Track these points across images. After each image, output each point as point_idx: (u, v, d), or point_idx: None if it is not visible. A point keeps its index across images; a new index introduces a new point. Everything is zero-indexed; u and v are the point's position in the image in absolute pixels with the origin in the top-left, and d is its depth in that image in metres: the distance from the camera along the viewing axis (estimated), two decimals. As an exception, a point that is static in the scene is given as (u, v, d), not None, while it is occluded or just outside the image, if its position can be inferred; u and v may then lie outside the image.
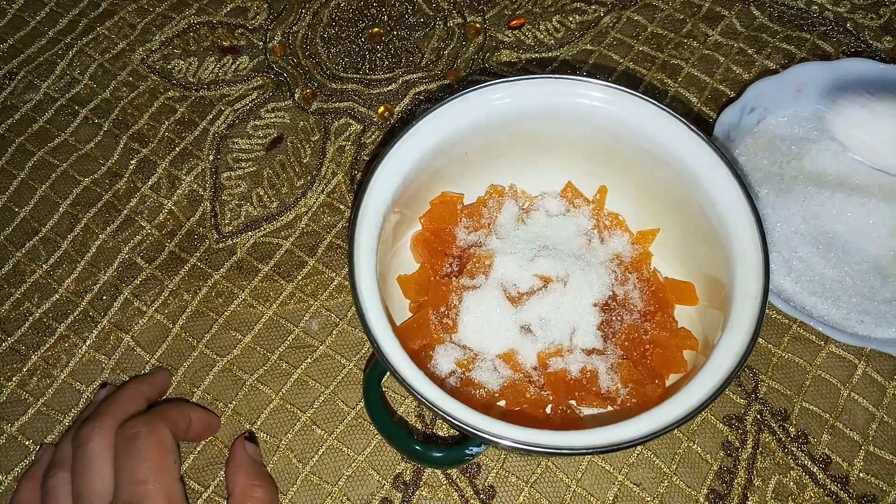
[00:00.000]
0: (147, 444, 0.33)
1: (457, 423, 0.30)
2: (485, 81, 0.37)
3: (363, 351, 0.42)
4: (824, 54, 0.50)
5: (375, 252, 0.34)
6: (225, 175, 0.47)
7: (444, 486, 0.39)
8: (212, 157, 0.48)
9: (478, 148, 0.39)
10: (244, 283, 0.44)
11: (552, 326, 0.37)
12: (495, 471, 0.39)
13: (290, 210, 0.46)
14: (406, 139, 0.36)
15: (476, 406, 0.32)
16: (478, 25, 0.53)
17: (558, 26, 0.53)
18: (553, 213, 0.42)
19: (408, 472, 0.39)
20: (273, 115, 0.50)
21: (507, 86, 0.37)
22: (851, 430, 0.40)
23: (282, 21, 0.53)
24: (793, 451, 0.39)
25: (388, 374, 0.35)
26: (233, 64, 0.51)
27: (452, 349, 0.37)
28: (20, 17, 0.53)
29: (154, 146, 0.48)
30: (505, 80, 0.37)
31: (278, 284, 0.44)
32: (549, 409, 0.37)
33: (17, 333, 0.43)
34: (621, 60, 0.51)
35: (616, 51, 0.51)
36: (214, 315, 0.43)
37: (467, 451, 0.34)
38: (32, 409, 0.41)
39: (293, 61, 0.52)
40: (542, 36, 0.52)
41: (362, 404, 0.40)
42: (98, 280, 0.44)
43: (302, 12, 0.54)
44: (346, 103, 0.50)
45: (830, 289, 0.42)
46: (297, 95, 0.50)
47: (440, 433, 0.40)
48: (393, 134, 0.45)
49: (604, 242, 0.41)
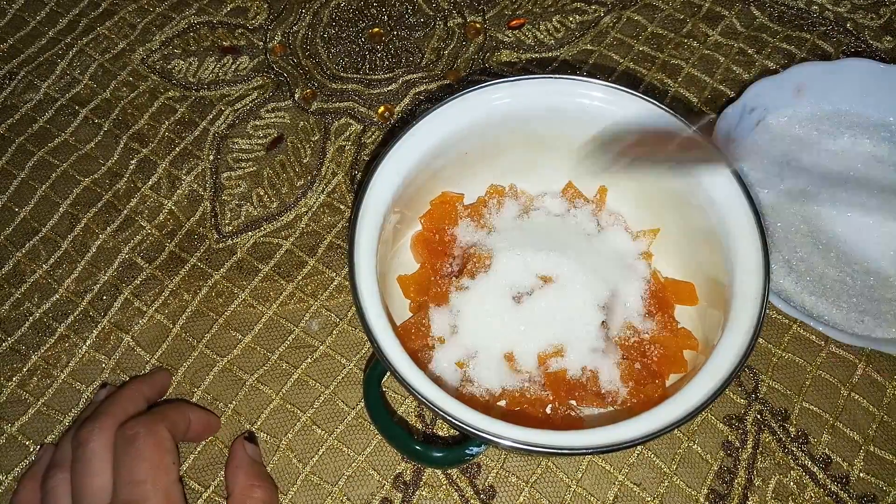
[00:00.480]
0: (146, 444, 0.33)
1: (457, 423, 0.30)
2: (485, 81, 0.37)
3: (363, 351, 0.42)
4: (824, 54, 0.50)
5: (375, 252, 0.34)
6: (225, 175, 0.47)
7: (444, 486, 0.39)
8: (212, 157, 0.48)
9: (478, 148, 0.39)
10: (244, 283, 0.44)
11: (552, 326, 0.37)
12: (495, 471, 0.39)
13: (291, 210, 0.46)
14: (406, 139, 0.36)
15: (476, 406, 0.32)
16: (478, 25, 0.53)
17: (558, 26, 0.53)
18: (553, 212, 0.42)
19: (408, 472, 0.39)
20: (273, 115, 0.50)
21: (507, 86, 0.37)
22: (851, 430, 0.40)
23: (282, 21, 0.53)
24: (793, 451, 0.39)
25: (388, 374, 0.35)
26: (233, 64, 0.51)
27: (452, 349, 0.37)
28: (20, 17, 0.53)
29: (154, 146, 0.48)
30: (505, 80, 0.37)
31: (278, 284, 0.44)
32: (549, 409, 0.37)
33: (17, 333, 0.43)
34: (621, 60, 0.51)
35: (616, 51, 0.51)
36: (214, 315, 0.43)
37: (467, 451, 0.34)
38: (32, 409, 0.41)
39: (293, 61, 0.52)
40: (542, 36, 0.52)
41: (362, 404, 0.40)
42: (98, 280, 0.44)
43: (302, 12, 0.54)
44: (346, 103, 0.50)
45: (831, 289, 0.42)
46: (297, 95, 0.50)
47: (440, 433, 0.40)
48: (393, 134, 0.45)
49: (604, 242, 0.41)
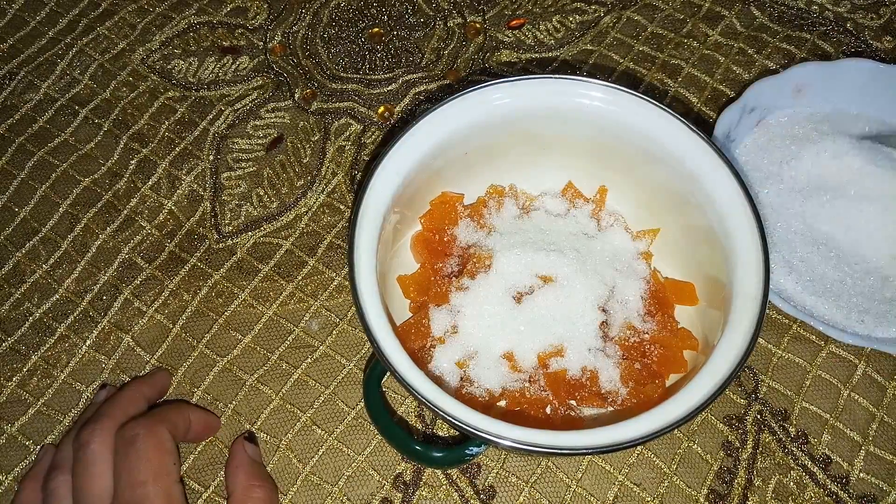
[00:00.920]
0: (146, 446, 0.33)
1: (457, 423, 0.30)
2: (485, 81, 0.37)
3: (363, 351, 0.42)
4: (824, 54, 0.50)
5: (375, 252, 0.34)
6: (225, 175, 0.47)
7: (444, 486, 0.39)
8: (212, 157, 0.48)
9: (478, 148, 0.39)
10: (244, 283, 0.44)
11: (552, 326, 0.37)
12: (495, 471, 0.39)
13: (290, 210, 0.46)
14: (406, 139, 0.36)
15: (476, 406, 0.32)
16: (478, 25, 0.53)
17: (558, 26, 0.53)
18: (553, 212, 0.42)
19: (408, 472, 0.39)
20: (273, 115, 0.50)
21: (507, 86, 0.37)
22: (851, 430, 0.40)
23: (282, 21, 0.53)
24: (793, 451, 0.39)
25: (388, 374, 0.35)
26: (233, 64, 0.51)
27: (452, 349, 0.37)
28: (20, 17, 0.53)
29: (154, 146, 0.48)
30: (505, 80, 0.37)
31: (278, 284, 0.44)
32: (549, 409, 0.37)
33: (17, 333, 0.43)
34: (621, 60, 0.51)
35: (616, 51, 0.51)
36: (214, 315, 0.43)
37: (467, 451, 0.34)
38: (32, 409, 0.41)
39: (293, 61, 0.52)
40: (542, 36, 0.52)
41: (362, 404, 0.40)
42: (98, 280, 0.44)
43: (302, 12, 0.54)
44: (346, 103, 0.50)
45: (831, 289, 0.42)
46: (297, 95, 0.50)
47: (440, 433, 0.40)
48: (393, 134, 0.45)
49: (604, 242, 0.41)
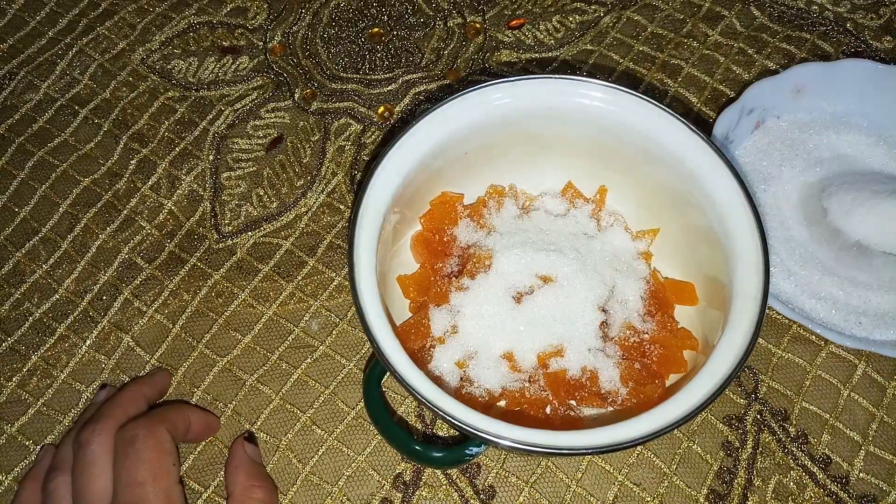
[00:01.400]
0: (145, 446, 0.33)
1: (457, 423, 0.30)
2: (485, 81, 0.37)
3: (363, 351, 0.42)
4: (824, 54, 0.50)
5: (375, 252, 0.34)
6: (225, 175, 0.47)
7: (444, 486, 0.39)
8: (212, 157, 0.48)
9: (478, 148, 0.39)
10: (244, 283, 0.44)
11: (552, 326, 0.37)
12: (495, 471, 0.39)
13: (290, 210, 0.46)
14: (406, 139, 0.36)
15: (476, 406, 0.32)
16: (478, 25, 0.53)
17: (558, 26, 0.53)
18: (553, 212, 0.42)
19: (408, 472, 0.39)
20: (273, 115, 0.50)
21: (507, 86, 0.37)
22: (851, 430, 0.40)
23: (282, 21, 0.53)
24: (793, 451, 0.39)
25: (388, 374, 0.35)
26: (233, 64, 0.51)
27: (452, 349, 0.37)
28: (20, 17, 0.53)
29: (154, 146, 0.48)
30: (505, 80, 0.37)
31: (278, 284, 0.44)
32: (548, 409, 0.37)
33: (17, 333, 0.43)
34: (621, 60, 0.51)
35: (616, 51, 0.51)
36: (214, 315, 0.43)
37: (467, 451, 0.34)
38: (32, 409, 0.41)
39: (293, 61, 0.52)
40: (542, 36, 0.52)
41: (362, 404, 0.40)
42: (98, 280, 0.44)
43: (302, 12, 0.54)
44: (346, 103, 0.50)
45: (830, 291, 0.42)
46: (297, 95, 0.50)
47: (440, 433, 0.40)
48: (393, 134, 0.45)
49: (604, 242, 0.41)
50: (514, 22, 0.53)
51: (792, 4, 0.53)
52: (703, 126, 0.46)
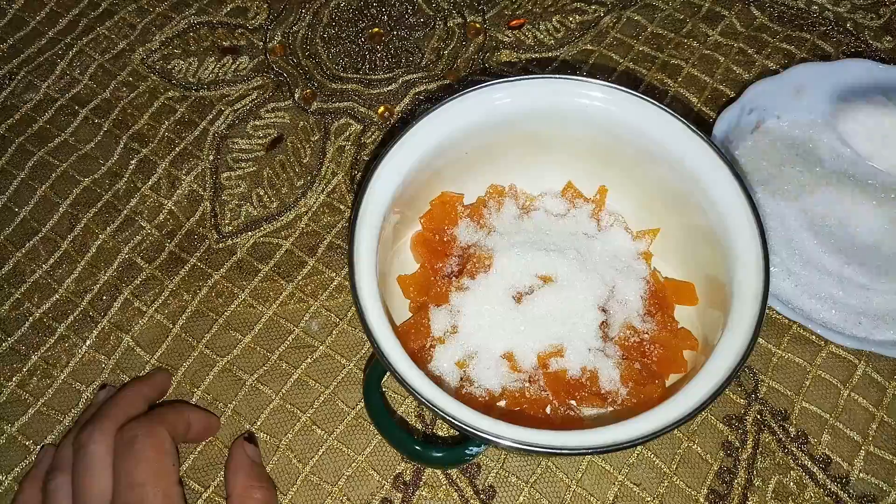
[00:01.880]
0: (145, 447, 0.33)
1: (457, 423, 0.30)
2: (485, 81, 0.37)
3: (363, 351, 0.42)
4: (824, 54, 0.50)
5: (375, 252, 0.34)
6: (225, 175, 0.47)
7: (444, 486, 0.39)
8: (212, 157, 0.48)
9: (478, 148, 0.39)
10: (244, 283, 0.44)
11: (552, 326, 0.37)
12: (495, 471, 0.39)
13: (290, 210, 0.46)
14: (406, 139, 0.36)
15: (476, 406, 0.32)
16: (478, 25, 0.53)
17: (558, 26, 0.53)
18: (553, 212, 0.42)
19: (408, 472, 0.39)
20: (273, 115, 0.50)
21: (507, 86, 0.37)
22: (851, 430, 0.40)
23: (282, 21, 0.53)
24: (793, 451, 0.39)
25: (388, 374, 0.35)
26: (233, 64, 0.51)
27: (452, 349, 0.37)
28: (20, 17, 0.53)
29: (154, 146, 0.48)
30: (505, 80, 0.37)
31: (278, 284, 0.44)
32: (548, 409, 0.37)
33: (17, 333, 0.43)
34: (621, 60, 0.51)
35: (616, 51, 0.51)
36: (214, 315, 0.43)
37: (467, 451, 0.34)
38: (32, 409, 0.41)
39: (293, 61, 0.52)
40: (542, 36, 0.52)
41: (362, 404, 0.40)
42: (98, 280, 0.44)
43: (302, 12, 0.54)
44: (346, 103, 0.50)
45: (829, 291, 0.42)
46: (297, 95, 0.50)
47: (440, 433, 0.40)
48: (393, 134, 0.45)
49: (604, 242, 0.41)
50: (515, 22, 0.53)
51: (792, 4, 0.53)
52: (703, 126, 0.46)
